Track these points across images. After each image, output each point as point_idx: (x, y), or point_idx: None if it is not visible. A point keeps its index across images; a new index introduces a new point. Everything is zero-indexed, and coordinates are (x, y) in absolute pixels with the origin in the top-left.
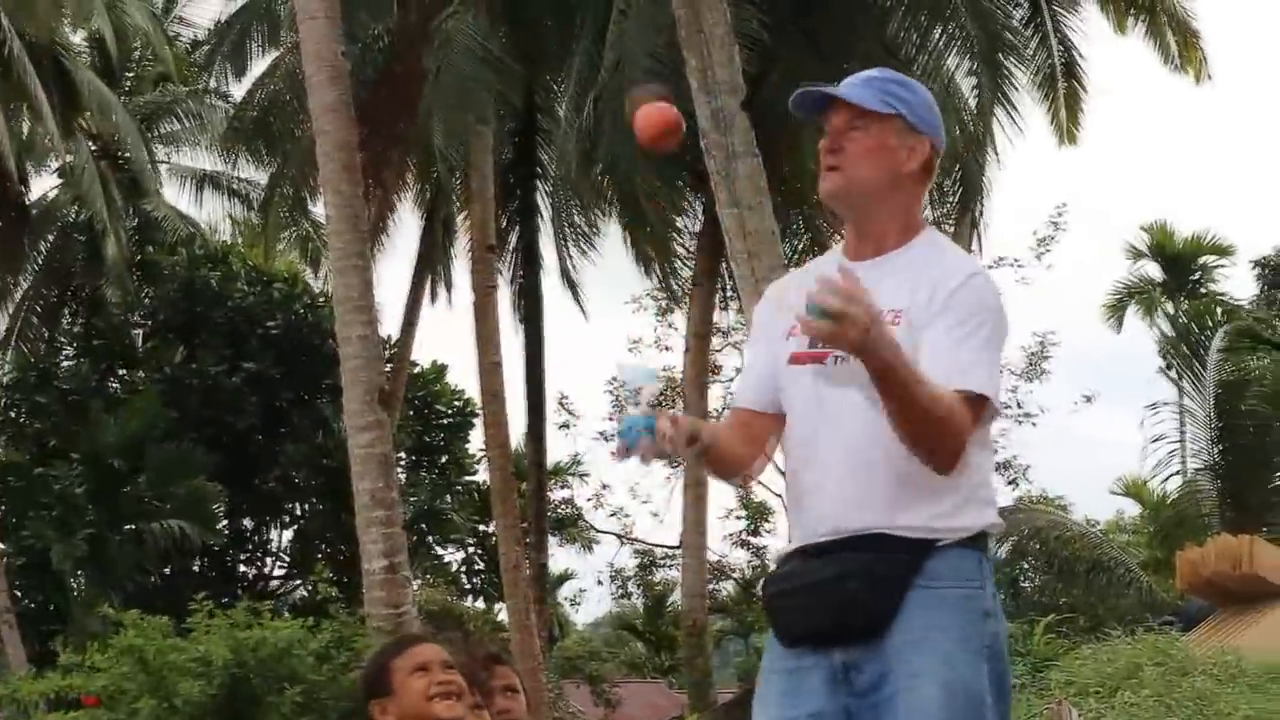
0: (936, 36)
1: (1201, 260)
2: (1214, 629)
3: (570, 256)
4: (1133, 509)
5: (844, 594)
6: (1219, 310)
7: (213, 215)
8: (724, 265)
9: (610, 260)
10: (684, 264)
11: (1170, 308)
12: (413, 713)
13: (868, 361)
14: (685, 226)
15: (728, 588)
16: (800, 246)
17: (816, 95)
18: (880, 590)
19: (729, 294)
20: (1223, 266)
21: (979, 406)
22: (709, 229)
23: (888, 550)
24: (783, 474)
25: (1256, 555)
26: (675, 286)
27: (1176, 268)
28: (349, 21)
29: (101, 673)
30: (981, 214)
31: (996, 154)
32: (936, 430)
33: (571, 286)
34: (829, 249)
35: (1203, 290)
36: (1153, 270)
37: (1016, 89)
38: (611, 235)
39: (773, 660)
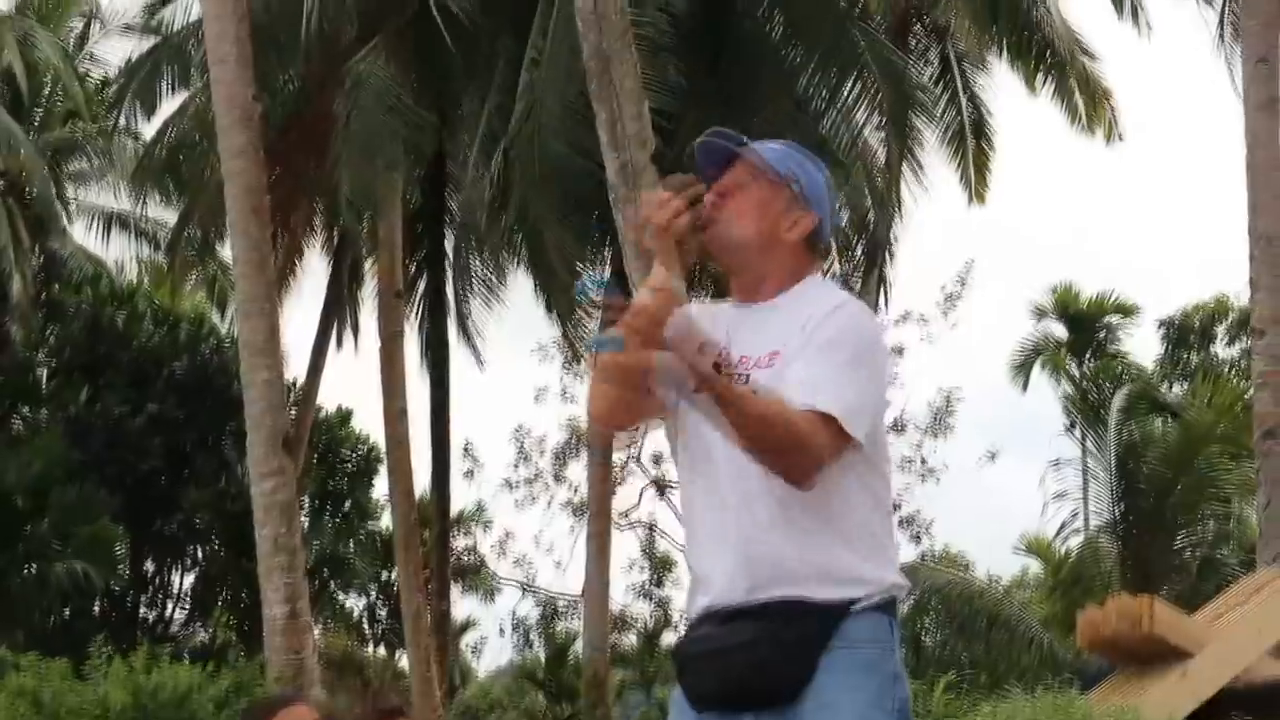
0: (846, 92)
1: (1106, 320)
2: (1114, 688)
3: (469, 304)
4: (1036, 566)
5: (756, 659)
6: (1120, 370)
7: (120, 255)
8: None
9: (516, 308)
10: (589, 315)
11: (1074, 367)
12: None
13: (692, 374)
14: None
15: (630, 639)
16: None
17: (720, 149)
18: (793, 656)
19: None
20: (1127, 326)
21: (836, 427)
22: (617, 280)
23: (800, 616)
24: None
25: (1157, 616)
26: (577, 339)
27: (1081, 327)
28: (260, 64)
29: None
30: (887, 269)
31: (901, 212)
32: (774, 439)
33: (468, 335)
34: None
35: (1107, 349)
36: (1058, 329)
37: (924, 146)
38: (519, 283)
39: None
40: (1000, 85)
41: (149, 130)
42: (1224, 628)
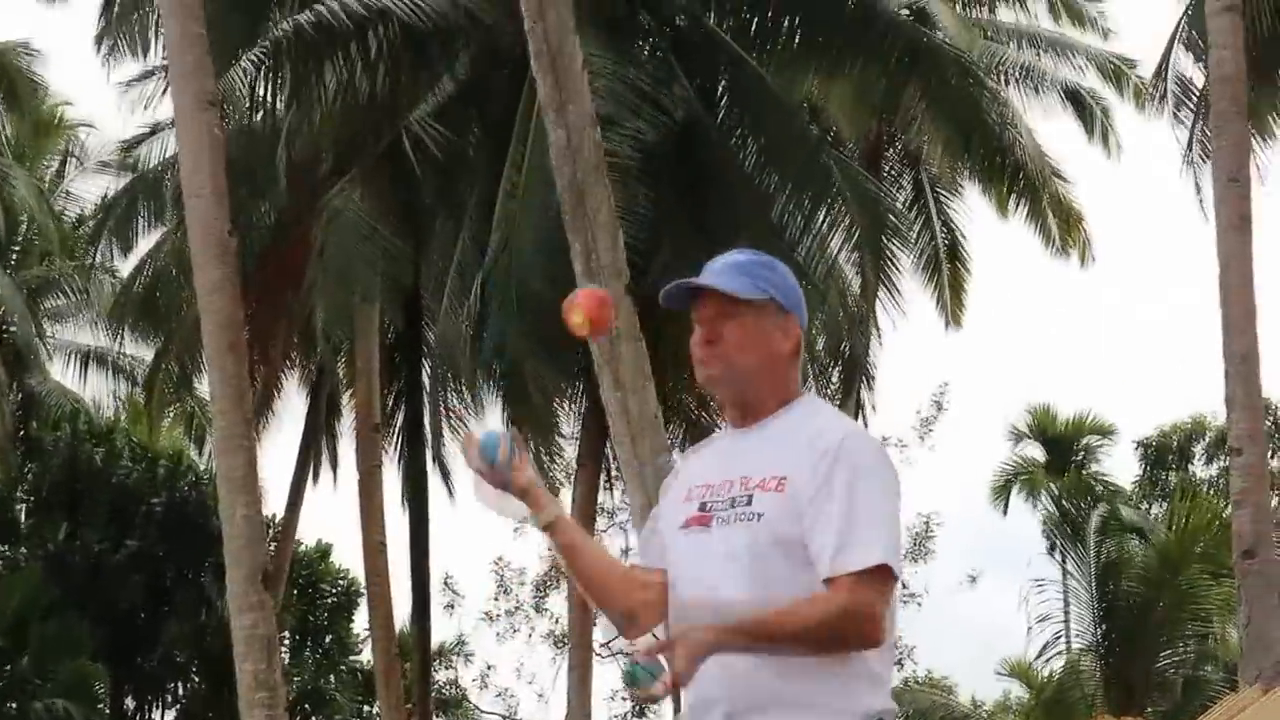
0: (820, 218)
1: (1084, 441)
2: None
3: (443, 437)
4: (1019, 690)
5: None
6: (1099, 490)
7: (97, 391)
8: (608, 447)
9: None
10: (567, 444)
11: (1053, 488)
12: None
13: (729, 649)
14: (571, 408)
15: None
16: (684, 430)
17: (688, 289)
18: None
19: (614, 475)
20: (1104, 446)
21: (879, 574)
22: (593, 410)
23: None
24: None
25: None
26: (555, 469)
27: (1059, 448)
28: (235, 197)
29: None
30: (864, 393)
31: (879, 335)
32: (835, 637)
33: (443, 468)
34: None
35: (1085, 470)
36: (1035, 451)
37: (899, 271)
38: (496, 415)
39: None
40: (973, 209)
41: (126, 267)
42: None
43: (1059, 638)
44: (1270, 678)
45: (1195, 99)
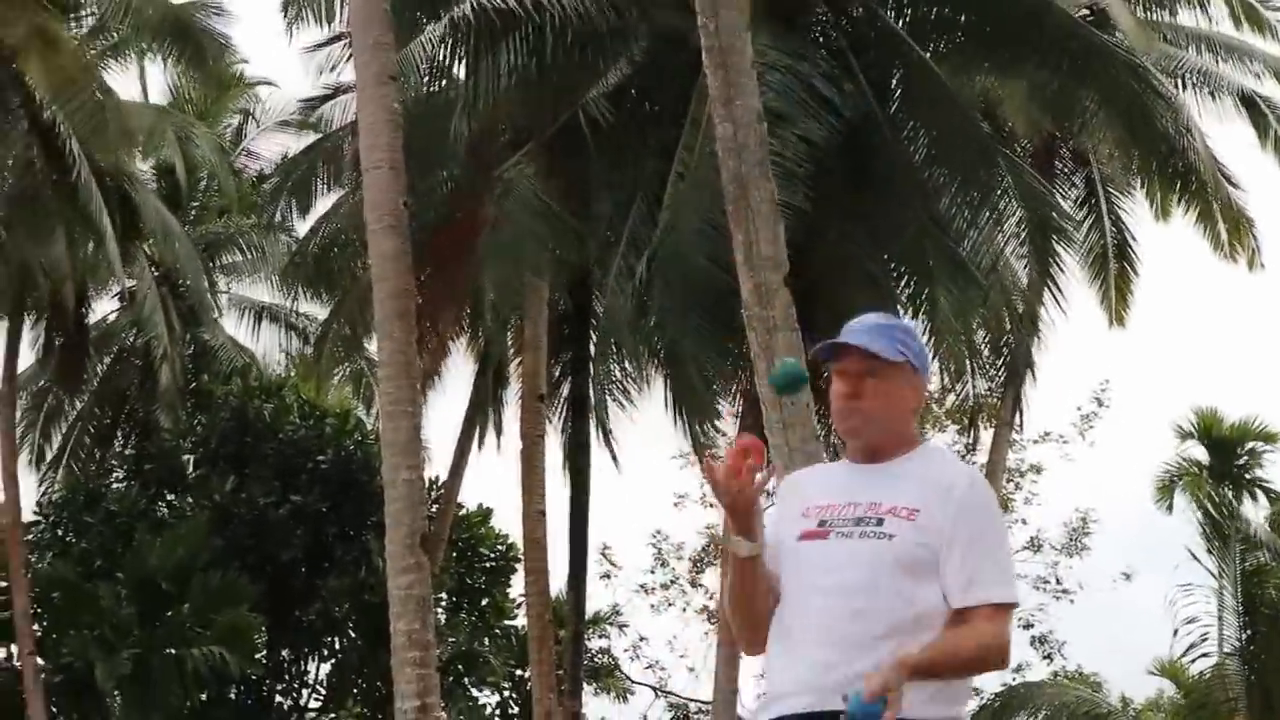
0: (987, 215)
1: (1249, 446)
2: None
3: (606, 409)
4: (1172, 689)
5: None
6: (1258, 496)
7: (268, 347)
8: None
9: (657, 416)
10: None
11: (1214, 491)
12: None
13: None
14: (734, 389)
15: None
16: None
17: (836, 345)
18: None
19: (769, 459)
20: (1269, 453)
21: (1007, 609)
22: (750, 394)
23: None
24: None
25: None
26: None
27: (1222, 452)
28: (413, 167)
29: None
30: (1025, 388)
31: (1039, 334)
32: (981, 665)
33: (606, 439)
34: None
35: (1247, 476)
36: (1198, 453)
37: (1063, 271)
38: (659, 391)
39: None
40: (1143, 210)
41: (303, 227)
42: None
43: (1205, 639)
44: None
45: None
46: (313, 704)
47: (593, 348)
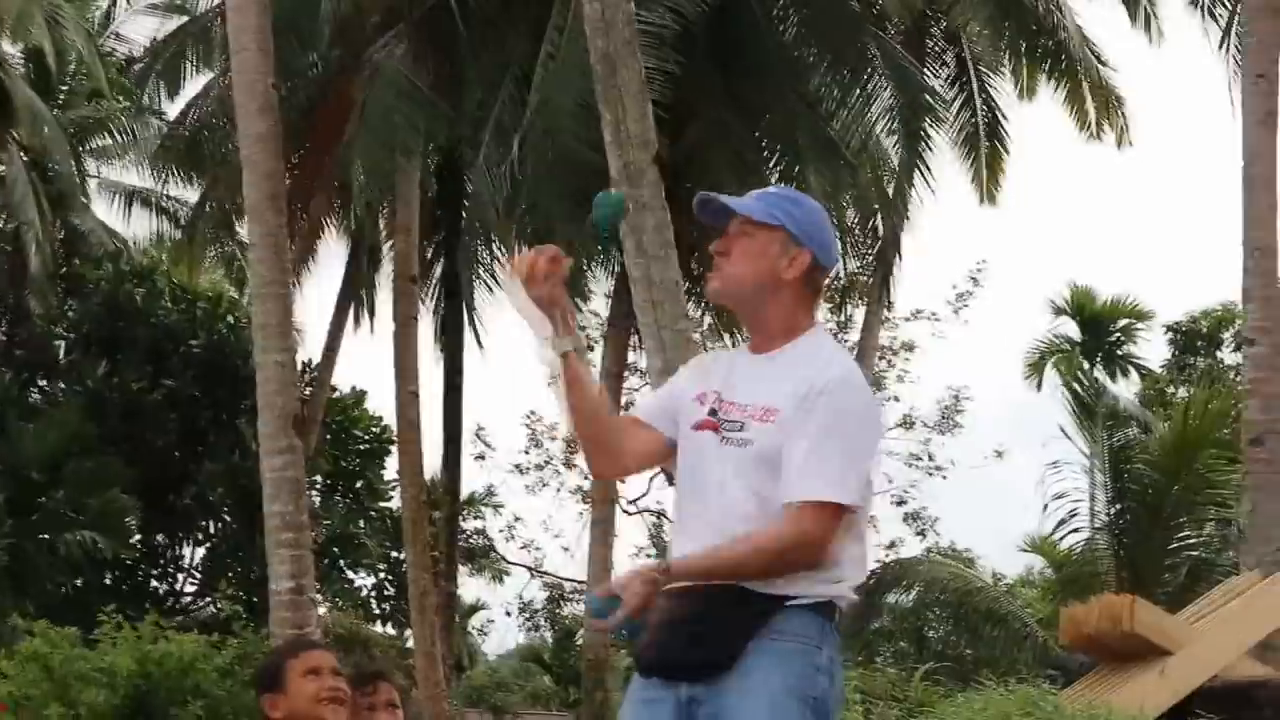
0: (857, 94)
1: (1122, 323)
2: (1089, 684)
3: (473, 289)
4: (1042, 564)
5: (693, 633)
6: (1130, 372)
7: (140, 232)
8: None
9: None
10: (598, 306)
11: (1081, 368)
12: (302, 713)
13: (686, 580)
14: (604, 271)
15: None
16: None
17: (718, 206)
18: (726, 634)
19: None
20: (1142, 330)
21: (831, 508)
22: (624, 274)
23: (741, 601)
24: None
25: (1137, 614)
26: (587, 328)
27: (1095, 329)
28: (283, 49)
29: (8, 679)
30: (895, 267)
31: (907, 213)
32: (780, 565)
33: (473, 321)
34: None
35: (1119, 352)
36: (1071, 330)
37: (933, 151)
38: None
39: (633, 690)
40: (1013, 89)
41: (173, 110)
42: (1204, 629)
43: (1075, 515)
44: (1270, 564)
45: None
46: (188, 588)
47: (463, 229)
